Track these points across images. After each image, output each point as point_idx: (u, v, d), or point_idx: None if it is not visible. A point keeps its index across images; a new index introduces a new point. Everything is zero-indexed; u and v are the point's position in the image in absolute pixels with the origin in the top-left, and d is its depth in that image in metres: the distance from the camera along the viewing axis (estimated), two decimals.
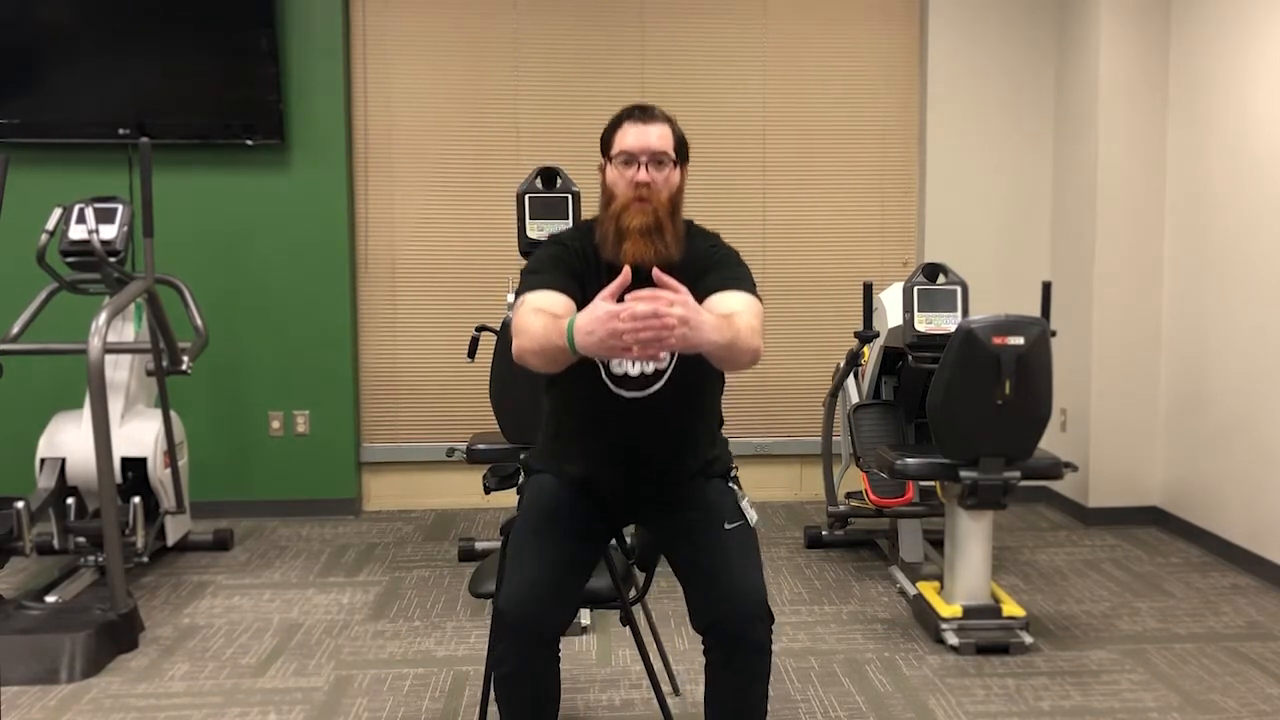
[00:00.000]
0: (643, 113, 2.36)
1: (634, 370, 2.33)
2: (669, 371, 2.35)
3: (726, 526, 2.37)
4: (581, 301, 2.24)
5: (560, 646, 2.40)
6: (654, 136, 2.33)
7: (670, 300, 1.99)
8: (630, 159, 2.32)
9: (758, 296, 2.35)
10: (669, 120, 2.38)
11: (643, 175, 2.31)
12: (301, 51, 5.37)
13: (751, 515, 2.40)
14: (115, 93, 5.19)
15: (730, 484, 2.47)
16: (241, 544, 5.03)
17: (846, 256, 5.67)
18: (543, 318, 2.17)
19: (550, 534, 2.39)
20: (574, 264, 2.35)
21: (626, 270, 2.11)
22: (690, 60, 5.60)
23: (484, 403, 4.06)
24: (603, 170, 2.39)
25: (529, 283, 2.33)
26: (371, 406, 5.65)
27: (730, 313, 2.21)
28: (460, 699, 3.35)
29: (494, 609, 2.43)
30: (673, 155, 2.35)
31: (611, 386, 2.35)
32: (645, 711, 3.25)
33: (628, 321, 1.96)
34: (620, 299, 2.03)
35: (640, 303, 1.97)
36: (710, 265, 2.37)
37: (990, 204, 5.65)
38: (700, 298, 2.24)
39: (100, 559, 4.15)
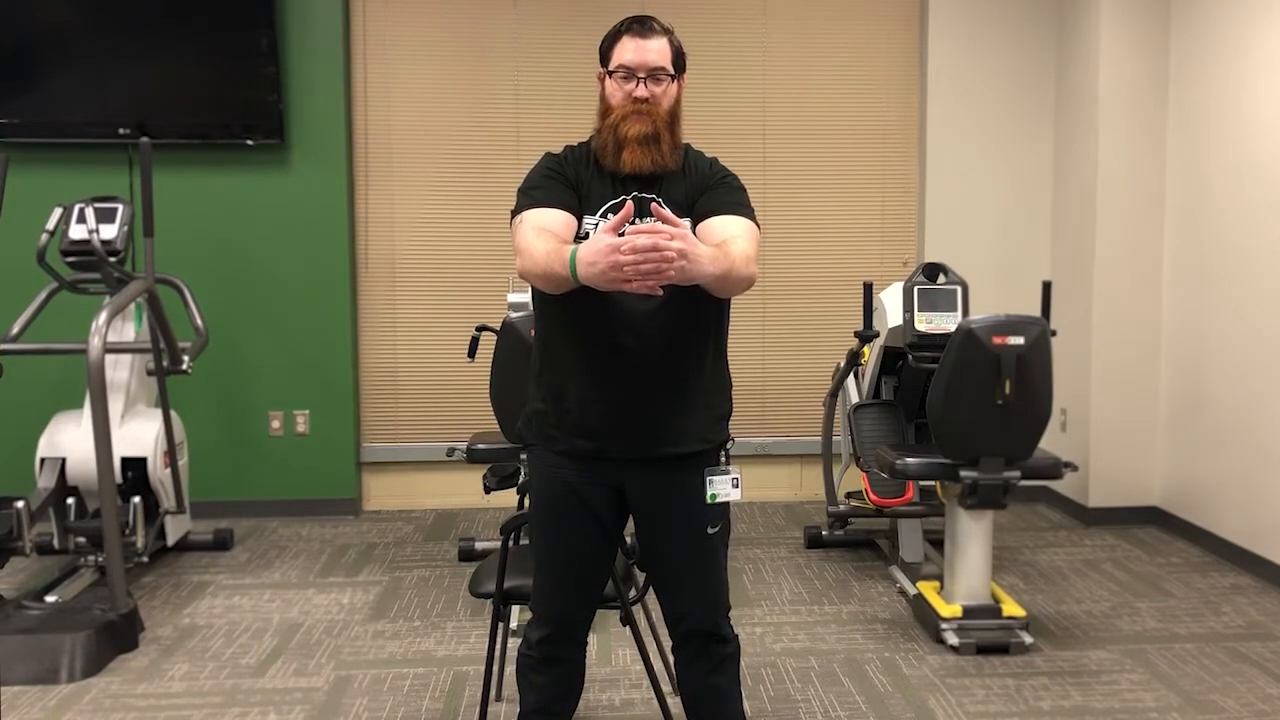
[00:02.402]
0: (641, 26, 2.35)
1: None
2: None
3: (709, 531, 2.38)
4: (579, 207, 2.30)
5: (587, 639, 2.54)
6: (652, 53, 2.32)
7: (670, 234, 2.05)
8: (629, 75, 2.31)
9: (756, 222, 2.38)
10: (667, 32, 2.37)
11: (641, 91, 2.31)
12: (301, 51, 5.37)
13: (735, 495, 2.39)
14: (115, 93, 5.19)
15: (722, 456, 2.42)
16: (241, 544, 5.03)
17: (846, 256, 5.67)
18: (545, 240, 2.21)
19: (566, 532, 2.40)
20: (569, 173, 2.35)
21: (629, 205, 2.14)
22: (690, 59, 5.54)
23: (484, 403, 4.06)
24: (601, 80, 2.38)
25: (526, 200, 2.34)
26: (371, 406, 5.65)
27: (726, 239, 2.24)
28: (460, 699, 3.35)
29: (531, 607, 2.52)
30: (670, 70, 2.35)
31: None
32: (645, 711, 3.25)
33: (628, 254, 2.03)
34: (622, 232, 2.09)
35: (640, 236, 2.03)
36: (712, 183, 2.39)
37: (990, 204, 5.65)
38: (700, 215, 2.32)
39: (100, 559, 4.15)
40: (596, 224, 2.29)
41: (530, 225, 2.26)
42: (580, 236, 2.28)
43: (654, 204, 2.16)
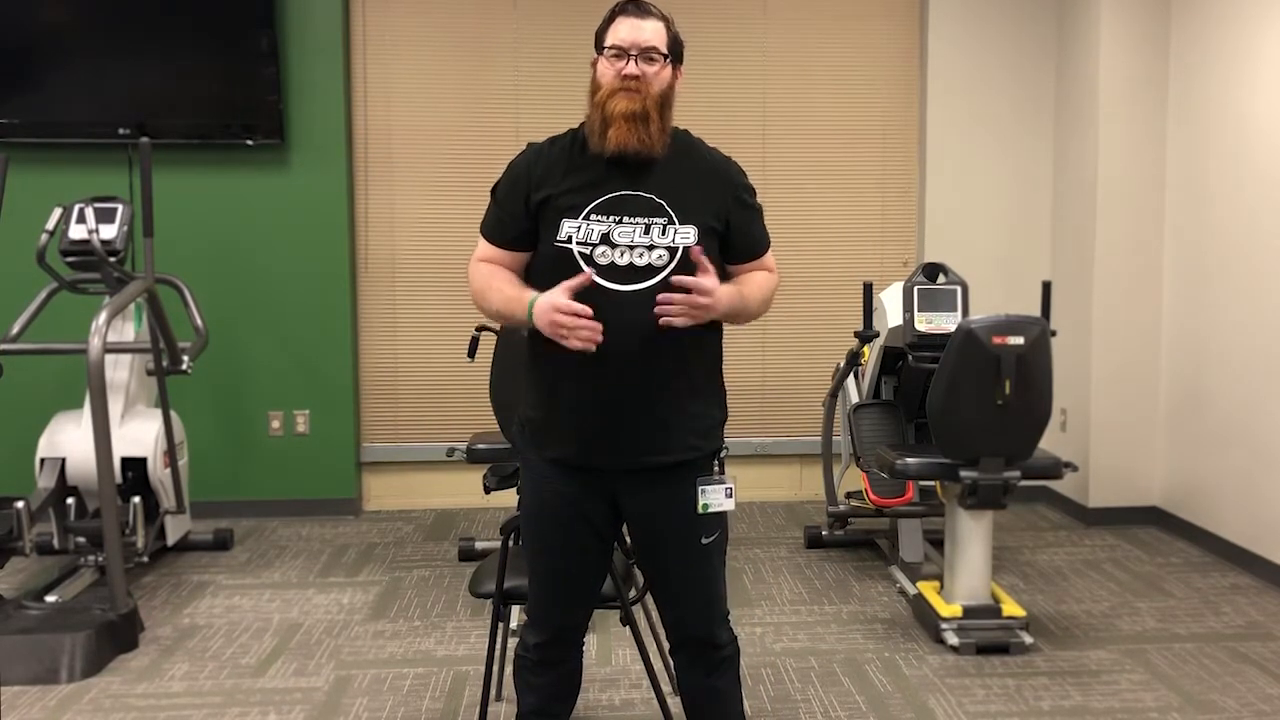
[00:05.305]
0: (637, 7, 2.32)
1: (622, 260, 2.23)
2: (667, 270, 2.24)
3: (704, 541, 2.36)
4: (528, 232, 2.32)
5: (585, 640, 2.55)
6: (647, 32, 2.28)
7: (698, 303, 2.18)
8: (620, 53, 2.26)
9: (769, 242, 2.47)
10: (664, 18, 2.34)
11: (631, 69, 2.25)
12: (301, 51, 5.37)
13: (729, 505, 2.37)
14: (115, 93, 5.19)
15: (715, 465, 2.39)
16: (241, 544, 5.03)
17: (846, 256, 5.67)
18: (497, 288, 2.30)
19: (560, 542, 2.38)
20: (532, 181, 2.32)
21: (585, 275, 2.19)
22: (690, 59, 5.53)
23: (484, 403, 4.06)
24: (594, 65, 2.34)
25: (486, 221, 2.40)
26: (371, 406, 5.65)
27: (751, 286, 2.35)
28: (460, 699, 3.35)
29: (527, 613, 2.54)
30: (665, 52, 2.29)
31: (595, 278, 2.22)
32: (645, 711, 3.25)
33: (565, 318, 2.15)
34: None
35: (566, 304, 2.15)
36: (741, 203, 2.37)
37: (990, 203, 5.65)
38: (740, 250, 2.38)
39: (100, 559, 4.15)
40: (579, 226, 2.24)
41: (481, 257, 2.38)
42: (561, 241, 2.25)
43: (692, 253, 2.20)
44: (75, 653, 3.50)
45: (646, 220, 2.25)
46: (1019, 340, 3.54)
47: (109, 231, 4.28)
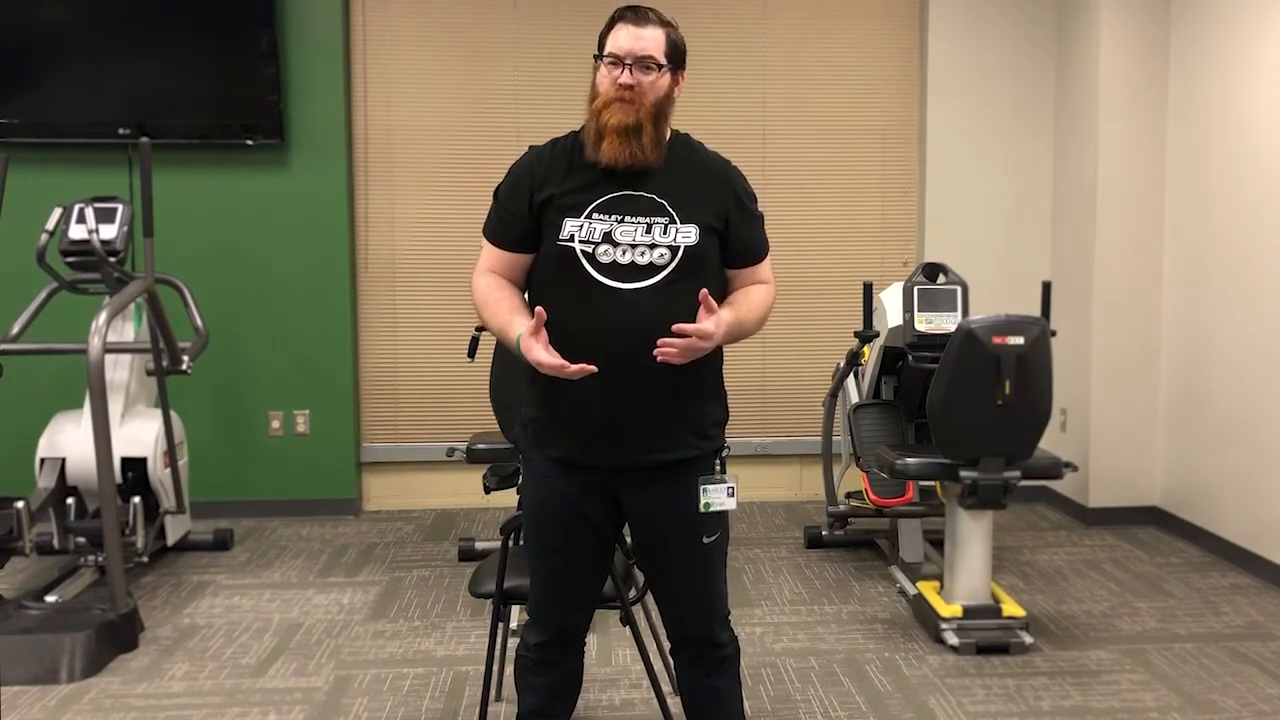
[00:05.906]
0: (636, 14, 2.31)
1: (624, 259, 2.25)
2: (667, 270, 2.26)
3: (705, 540, 2.36)
4: (531, 232, 2.34)
5: (585, 640, 2.55)
6: (645, 40, 2.28)
7: (697, 345, 2.20)
8: (617, 61, 2.27)
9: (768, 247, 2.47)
10: (665, 25, 2.32)
11: (626, 78, 2.25)
12: (301, 51, 5.37)
13: (731, 504, 2.37)
14: (115, 93, 5.19)
15: (717, 464, 2.39)
16: (241, 544, 5.03)
17: (846, 256, 5.67)
18: (492, 309, 2.33)
19: (561, 542, 2.38)
20: (535, 181, 2.34)
21: (540, 313, 2.20)
22: (690, 59, 5.55)
23: (484, 403, 4.06)
24: (595, 68, 2.34)
25: (488, 223, 2.43)
26: (371, 406, 5.65)
27: (748, 303, 2.39)
28: (460, 699, 3.36)
29: (528, 613, 2.54)
30: (662, 60, 2.28)
31: (597, 276, 2.25)
32: (645, 711, 3.26)
33: (550, 371, 2.19)
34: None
35: (546, 361, 2.17)
36: (741, 207, 2.38)
37: (991, 203, 5.65)
38: (738, 255, 2.40)
39: (100, 559, 4.15)
40: (582, 225, 2.26)
41: (484, 268, 2.40)
42: (564, 240, 2.27)
43: (701, 296, 2.21)
44: (75, 653, 3.50)
45: (648, 220, 2.26)
46: (1019, 340, 3.54)
47: (109, 231, 4.28)
